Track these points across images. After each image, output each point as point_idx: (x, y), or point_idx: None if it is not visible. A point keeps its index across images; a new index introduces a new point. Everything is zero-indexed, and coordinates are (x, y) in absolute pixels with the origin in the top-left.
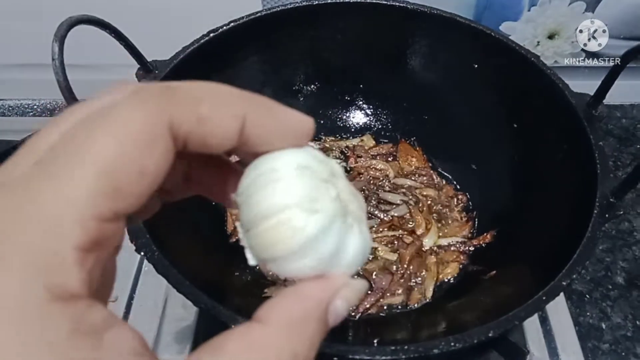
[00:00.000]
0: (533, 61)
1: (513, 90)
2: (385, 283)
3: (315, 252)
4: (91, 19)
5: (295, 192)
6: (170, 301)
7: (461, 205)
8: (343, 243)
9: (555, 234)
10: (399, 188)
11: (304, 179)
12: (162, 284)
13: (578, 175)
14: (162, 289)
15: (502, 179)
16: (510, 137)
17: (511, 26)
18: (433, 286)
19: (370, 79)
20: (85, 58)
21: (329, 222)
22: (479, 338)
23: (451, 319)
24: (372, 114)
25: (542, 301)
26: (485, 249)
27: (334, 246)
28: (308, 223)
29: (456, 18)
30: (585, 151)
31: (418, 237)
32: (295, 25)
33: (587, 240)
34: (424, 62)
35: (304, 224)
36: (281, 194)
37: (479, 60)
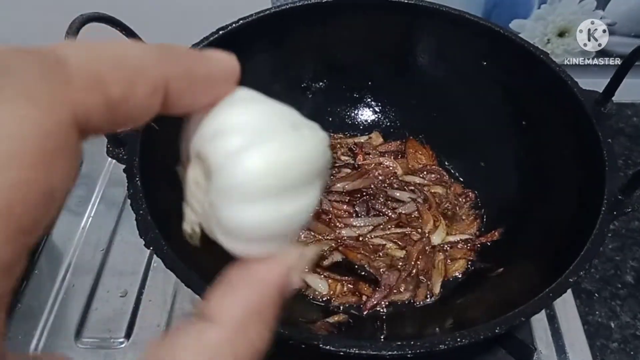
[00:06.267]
0: (542, 58)
1: (522, 88)
2: (393, 280)
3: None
4: (103, 16)
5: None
6: (179, 296)
7: (469, 203)
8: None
9: (563, 231)
10: (408, 185)
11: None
12: (171, 279)
13: (586, 172)
14: (171, 284)
15: (510, 176)
16: (519, 134)
17: (521, 24)
18: (440, 283)
19: (379, 76)
20: None
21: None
22: (485, 334)
23: (458, 315)
24: (380, 111)
25: (548, 298)
26: (492, 246)
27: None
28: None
29: (465, 15)
30: (593, 148)
31: (426, 234)
32: (303, 22)
33: (594, 238)
34: (432, 59)
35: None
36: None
37: (487, 58)
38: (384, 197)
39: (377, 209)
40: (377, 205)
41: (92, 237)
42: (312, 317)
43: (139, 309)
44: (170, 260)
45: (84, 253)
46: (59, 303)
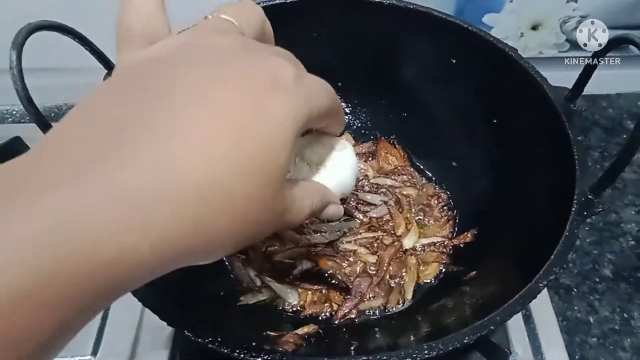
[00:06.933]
0: (511, 55)
1: (492, 85)
2: (364, 287)
3: None
4: (52, 24)
5: None
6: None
7: (442, 204)
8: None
9: (535, 232)
10: (379, 188)
11: None
12: None
13: (557, 171)
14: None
15: (483, 176)
16: (490, 132)
17: (494, 18)
18: (413, 288)
19: (348, 76)
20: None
21: None
22: (454, 345)
23: (432, 322)
24: (350, 113)
25: (518, 304)
26: (465, 249)
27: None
28: None
29: (432, 12)
30: (563, 147)
31: (398, 237)
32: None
33: (564, 240)
34: (401, 58)
35: None
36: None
37: (457, 56)
38: (355, 201)
39: (347, 213)
40: (348, 209)
41: None
42: (281, 329)
43: (105, 323)
44: None
45: None
46: None
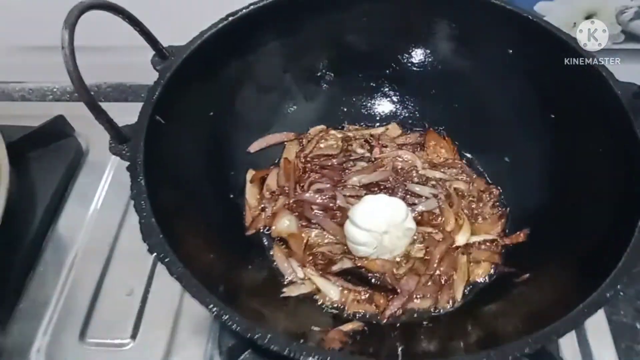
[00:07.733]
0: (574, 47)
1: (550, 78)
2: (412, 285)
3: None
4: (103, 4)
5: None
6: (187, 295)
7: (493, 200)
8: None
9: (596, 236)
10: (428, 180)
11: None
12: None
13: (622, 172)
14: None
15: (537, 173)
16: (547, 128)
17: (546, 7)
18: (463, 287)
19: (397, 64)
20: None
21: None
22: (513, 354)
23: (483, 326)
24: (398, 101)
25: (582, 314)
26: (517, 249)
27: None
28: None
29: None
30: (630, 147)
31: (449, 234)
32: (317, 7)
33: (633, 246)
34: (454, 46)
35: None
36: None
37: (513, 45)
38: (403, 192)
39: None
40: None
41: (98, 231)
42: (324, 324)
43: (144, 308)
44: (175, 268)
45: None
46: (64, 300)
